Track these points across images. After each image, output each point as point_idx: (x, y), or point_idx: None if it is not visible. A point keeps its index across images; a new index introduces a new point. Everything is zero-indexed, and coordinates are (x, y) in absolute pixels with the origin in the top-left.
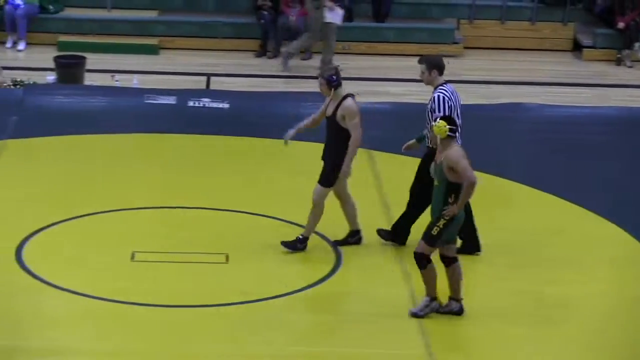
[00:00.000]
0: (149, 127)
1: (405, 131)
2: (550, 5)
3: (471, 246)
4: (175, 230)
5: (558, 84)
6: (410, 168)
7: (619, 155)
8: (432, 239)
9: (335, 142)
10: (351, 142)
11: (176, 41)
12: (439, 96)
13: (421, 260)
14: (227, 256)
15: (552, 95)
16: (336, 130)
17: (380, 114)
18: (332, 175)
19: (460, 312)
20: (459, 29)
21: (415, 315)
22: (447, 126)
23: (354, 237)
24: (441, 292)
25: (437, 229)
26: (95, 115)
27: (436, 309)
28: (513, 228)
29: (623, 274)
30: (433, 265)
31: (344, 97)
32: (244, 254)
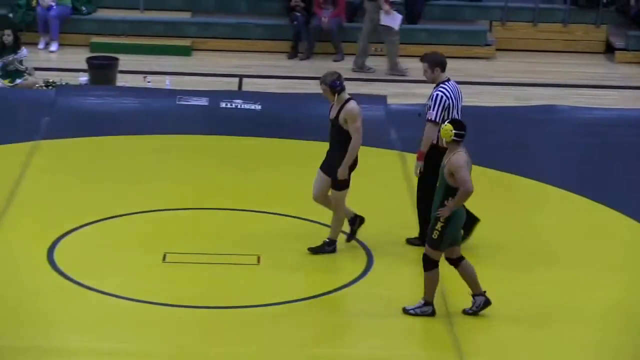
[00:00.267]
0: (181, 129)
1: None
2: (583, 8)
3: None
4: (207, 232)
5: (590, 86)
6: None
7: None
8: (435, 243)
9: (338, 145)
10: (350, 146)
11: (209, 42)
12: (437, 94)
13: (426, 263)
14: (259, 258)
15: (584, 98)
16: (339, 133)
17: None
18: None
19: (487, 304)
20: (491, 30)
21: (406, 312)
22: (453, 130)
23: (330, 247)
24: (462, 291)
25: (437, 232)
26: (127, 117)
27: (428, 314)
28: (544, 229)
29: None
30: (437, 270)
31: (346, 101)
32: (275, 256)
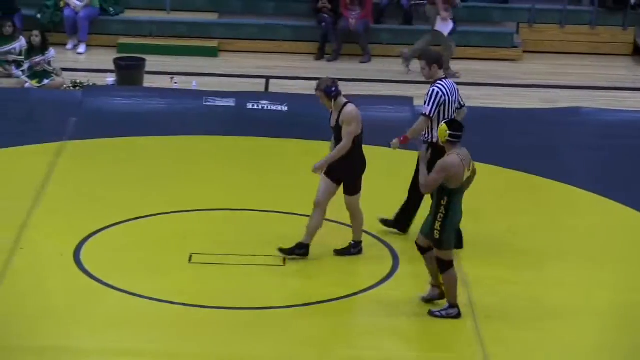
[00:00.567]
0: (207, 130)
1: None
2: (610, 10)
3: (402, 225)
4: (233, 232)
5: (617, 88)
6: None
7: None
8: (439, 243)
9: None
10: (339, 146)
11: (235, 43)
12: (433, 90)
13: (440, 266)
14: (284, 259)
15: (611, 100)
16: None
17: None
18: (353, 182)
19: (441, 297)
20: (518, 32)
21: (432, 314)
22: (448, 131)
23: (301, 250)
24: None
25: (437, 232)
26: (153, 118)
27: (454, 316)
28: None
29: None
30: (453, 270)
31: (344, 105)
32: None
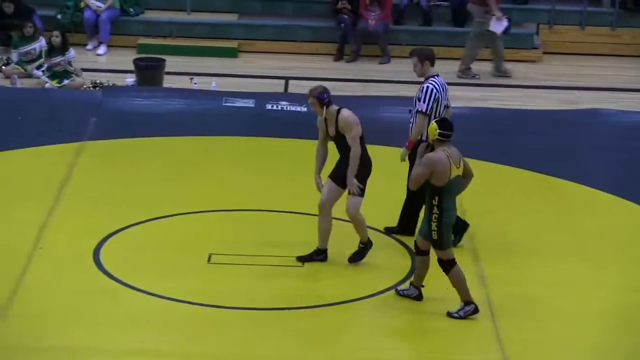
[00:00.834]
0: (227, 130)
1: (482, 135)
2: (631, 11)
3: (405, 229)
4: (252, 233)
5: (637, 90)
6: (488, 174)
7: None
8: (438, 243)
9: (348, 155)
10: (352, 155)
11: (255, 44)
12: (427, 87)
13: (443, 266)
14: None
15: (632, 102)
16: (345, 144)
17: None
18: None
19: (419, 299)
20: (538, 34)
21: (450, 315)
22: (438, 130)
23: (319, 255)
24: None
25: (435, 232)
26: (173, 118)
27: (471, 313)
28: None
29: None
30: (457, 268)
31: (338, 112)
32: None
